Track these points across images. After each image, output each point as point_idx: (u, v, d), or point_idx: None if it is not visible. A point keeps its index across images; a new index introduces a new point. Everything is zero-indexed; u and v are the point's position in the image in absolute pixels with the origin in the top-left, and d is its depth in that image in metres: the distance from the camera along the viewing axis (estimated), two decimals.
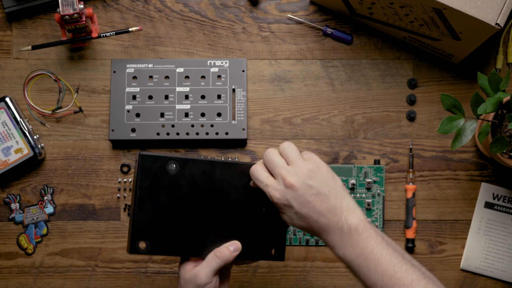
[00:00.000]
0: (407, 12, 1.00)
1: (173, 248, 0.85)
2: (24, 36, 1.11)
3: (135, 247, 0.83)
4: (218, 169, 0.86)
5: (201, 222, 0.86)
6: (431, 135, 1.10)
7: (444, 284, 1.09)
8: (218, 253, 0.84)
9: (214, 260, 0.84)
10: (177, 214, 0.85)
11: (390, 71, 1.11)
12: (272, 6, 1.12)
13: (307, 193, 0.82)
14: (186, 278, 0.84)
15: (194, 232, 0.85)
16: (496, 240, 1.09)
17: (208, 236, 0.86)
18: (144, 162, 0.83)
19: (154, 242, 0.84)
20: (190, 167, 0.85)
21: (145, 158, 0.83)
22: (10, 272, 1.08)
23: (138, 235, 0.83)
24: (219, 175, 0.86)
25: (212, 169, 0.86)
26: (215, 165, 0.86)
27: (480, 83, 0.93)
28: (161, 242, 0.84)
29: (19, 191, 1.09)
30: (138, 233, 0.83)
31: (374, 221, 1.08)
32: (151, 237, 0.84)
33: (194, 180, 0.85)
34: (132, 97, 1.08)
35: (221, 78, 1.09)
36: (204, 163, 0.86)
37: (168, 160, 0.84)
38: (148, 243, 0.84)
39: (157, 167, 0.84)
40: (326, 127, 1.10)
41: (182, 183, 0.85)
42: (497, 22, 0.92)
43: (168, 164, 0.84)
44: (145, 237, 0.83)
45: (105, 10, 1.11)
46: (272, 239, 0.89)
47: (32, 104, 1.09)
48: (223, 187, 0.86)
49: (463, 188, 1.10)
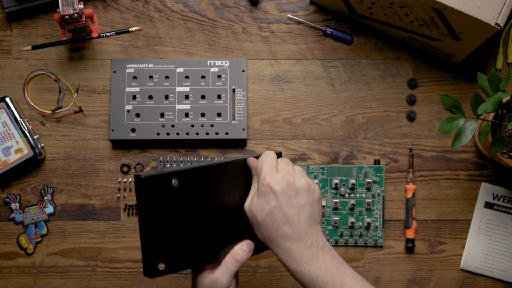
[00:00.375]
0: (407, 12, 1.00)
1: (191, 261, 0.83)
2: (24, 36, 1.11)
3: (154, 270, 0.80)
4: (218, 171, 0.86)
5: (212, 228, 0.85)
6: (431, 135, 1.10)
7: (444, 284, 1.09)
8: (235, 256, 0.84)
9: (233, 264, 0.84)
10: (188, 227, 0.83)
11: (390, 71, 1.11)
12: (272, 6, 1.12)
13: (299, 199, 0.83)
14: (205, 283, 0.83)
15: (207, 240, 0.84)
16: (496, 240, 1.09)
17: (220, 240, 0.85)
18: (146, 185, 0.79)
19: (172, 260, 0.81)
20: (191, 178, 0.83)
21: (147, 180, 0.79)
22: (10, 272, 1.08)
23: (154, 258, 0.80)
24: (220, 177, 0.86)
25: (212, 173, 0.85)
26: (214, 168, 0.85)
27: (480, 83, 0.93)
28: (178, 259, 0.82)
29: (19, 191, 1.09)
30: (153, 256, 0.80)
31: (374, 221, 1.08)
32: (167, 256, 0.81)
33: (197, 189, 0.84)
34: (132, 97, 1.08)
35: (221, 78, 1.09)
36: (204, 170, 0.84)
37: (170, 176, 0.81)
38: (166, 263, 0.81)
39: (160, 186, 0.80)
40: (326, 127, 1.10)
41: (186, 195, 0.83)
42: (497, 22, 0.92)
43: (170, 180, 0.81)
44: (162, 258, 0.80)
45: (105, 10, 1.11)
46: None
47: (32, 104, 1.09)
48: (226, 187, 0.86)
49: (463, 188, 1.10)
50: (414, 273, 1.09)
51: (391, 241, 1.09)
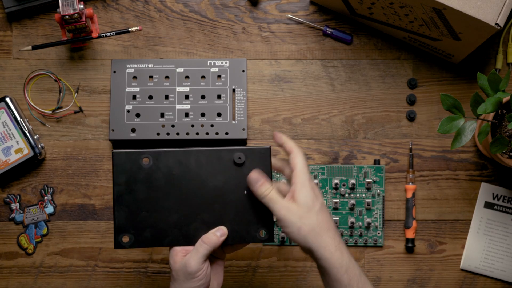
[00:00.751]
0: (407, 12, 1.00)
1: (157, 240, 0.88)
2: (24, 36, 1.11)
3: (118, 241, 0.87)
4: (193, 157, 0.88)
5: (183, 211, 0.88)
6: (431, 135, 1.10)
7: (444, 284, 1.09)
8: (205, 239, 0.86)
9: (202, 247, 0.85)
10: (157, 207, 0.88)
11: (390, 71, 1.11)
12: (272, 6, 1.12)
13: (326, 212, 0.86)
14: (176, 268, 0.86)
15: (177, 222, 0.88)
16: (496, 240, 1.09)
17: (192, 224, 0.88)
18: (117, 160, 0.87)
19: (137, 235, 0.88)
20: (164, 159, 0.88)
21: (118, 155, 0.87)
22: (10, 272, 1.08)
23: (120, 230, 0.88)
24: (195, 163, 0.88)
25: (187, 158, 0.88)
26: (189, 154, 0.88)
27: (480, 83, 0.93)
28: (144, 235, 0.88)
29: (19, 191, 1.09)
30: (120, 228, 0.88)
31: (374, 221, 1.08)
32: (134, 231, 0.88)
33: (170, 171, 0.88)
34: (132, 97, 1.08)
35: (221, 78, 1.09)
36: (178, 153, 0.88)
37: (140, 155, 0.87)
38: (131, 236, 0.87)
39: (131, 162, 0.87)
40: (326, 127, 1.10)
41: (158, 176, 0.87)
42: (497, 22, 0.92)
43: (141, 159, 0.87)
44: (128, 231, 0.87)
45: (105, 10, 1.11)
46: (259, 221, 0.89)
47: (32, 104, 1.09)
48: (201, 174, 0.88)
49: (463, 188, 1.10)
50: (414, 273, 1.09)
51: (391, 241, 1.09)
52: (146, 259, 1.08)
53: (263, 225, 0.89)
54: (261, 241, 0.90)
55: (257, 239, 0.89)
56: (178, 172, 0.88)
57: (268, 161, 0.88)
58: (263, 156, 0.88)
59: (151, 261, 1.08)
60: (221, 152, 0.88)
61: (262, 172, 0.87)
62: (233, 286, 1.08)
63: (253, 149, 0.88)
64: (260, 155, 0.88)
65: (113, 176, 0.88)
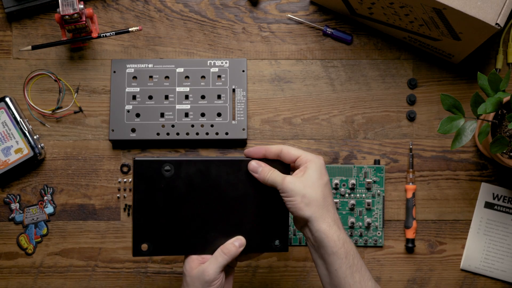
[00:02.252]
0: (407, 12, 1.00)
1: (175, 248, 0.88)
2: (24, 36, 1.11)
3: (138, 249, 0.87)
4: (214, 167, 0.88)
5: (202, 220, 0.88)
6: (431, 135, 1.10)
7: (444, 284, 1.09)
8: (224, 249, 0.87)
9: (221, 257, 0.86)
10: (176, 215, 0.88)
11: (390, 71, 1.11)
12: (272, 6, 1.12)
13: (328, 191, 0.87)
14: (193, 275, 0.86)
15: (195, 231, 0.88)
16: (496, 240, 1.09)
17: (209, 233, 0.88)
18: (139, 168, 0.87)
19: (156, 243, 0.88)
20: (185, 168, 0.87)
21: (140, 163, 0.87)
22: (10, 272, 1.08)
23: (140, 238, 0.87)
24: (215, 172, 0.88)
25: (207, 168, 0.88)
26: (210, 163, 0.88)
27: (480, 83, 0.93)
28: (162, 243, 0.88)
29: (19, 191, 1.09)
30: (139, 236, 0.87)
31: (374, 221, 1.08)
32: (153, 239, 0.88)
33: (190, 180, 0.88)
34: (132, 97, 1.08)
35: (221, 78, 1.09)
36: (198, 163, 0.88)
37: (162, 163, 0.87)
38: (150, 245, 0.88)
39: (152, 171, 0.87)
40: (326, 127, 1.10)
41: (179, 184, 0.87)
42: (497, 22, 0.92)
43: (163, 167, 0.87)
44: (147, 239, 0.87)
45: (105, 10, 1.11)
46: (274, 230, 0.90)
47: (32, 104, 1.09)
48: (221, 184, 0.88)
49: (463, 188, 1.10)
50: (414, 273, 1.09)
51: (391, 241, 1.09)
52: (146, 259, 1.08)
53: (278, 234, 0.91)
54: (275, 251, 0.91)
55: (272, 248, 0.91)
56: (198, 181, 0.88)
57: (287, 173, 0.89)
58: (282, 167, 0.89)
59: (151, 261, 1.08)
60: (241, 163, 0.89)
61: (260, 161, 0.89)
62: (233, 286, 1.08)
63: (272, 160, 0.89)
64: (279, 167, 0.89)
65: (134, 184, 0.87)
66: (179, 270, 1.08)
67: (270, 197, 0.89)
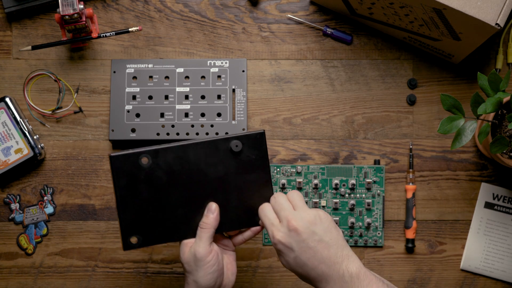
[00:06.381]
0: (407, 12, 1.00)
1: (164, 236, 0.89)
2: (24, 36, 1.11)
3: (127, 243, 0.88)
4: (191, 151, 0.89)
5: (187, 205, 0.89)
6: (431, 135, 1.10)
7: (444, 284, 1.09)
8: (202, 224, 0.88)
9: (202, 232, 0.88)
10: (161, 204, 0.88)
11: (390, 71, 1.11)
12: (272, 6, 1.12)
13: (310, 239, 0.84)
14: (186, 259, 0.88)
15: (182, 216, 0.89)
16: (496, 240, 1.09)
17: (196, 217, 0.89)
18: (116, 163, 0.87)
19: (145, 234, 0.88)
20: (163, 156, 0.88)
21: (116, 158, 0.87)
22: (10, 272, 1.08)
23: (128, 232, 0.88)
24: (193, 156, 0.89)
25: (185, 153, 0.88)
26: (186, 148, 0.89)
27: (480, 83, 0.93)
28: (151, 233, 0.89)
29: (19, 191, 1.09)
30: (127, 230, 0.88)
31: (374, 221, 1.08)
32: (141, 231, 0.88)
33: (170, 168, 0.88)
34: (132, 97, 1.08)
35: (221, 78, 1.09)
36: (175, 149, 0.88)
37: (139, 155, 0.87)
38: (140, 237, 0.88)
39: (130, 164, 0.87)
40: (326, 127, 1.10)
41: (159, 173, 0.88)
42: (497, 22, 0.92)
43: (140, 159, 0.87)
44: (135, 232, 0.88)
45: (105, 10, 1.11)
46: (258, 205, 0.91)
47: (32, 104, 1.09)
48: (200, 166, 0.89)
49: (463, 188, 1.10)
50: (414, 273, 1.09)
51: (391, 241, 1.09)
52: (146, 259, 1.08)
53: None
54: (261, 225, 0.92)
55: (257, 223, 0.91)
56: (178, 167, 0.88)
57: (263, 145, 0.90)
58: (259, 140, 0.90)
59: (151, 261, 1.08)
60: (218, 142, 0.89)
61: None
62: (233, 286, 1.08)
63: (248, 135, 0.90)
64: (255, 140, 0.90)
65: (114, 180, 0.87)
66: (179, 270, 1.08)
67: (251, 173, 0.90)
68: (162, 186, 0.88)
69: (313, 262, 0.83)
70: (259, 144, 0.90)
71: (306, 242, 0.83)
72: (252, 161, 0.90)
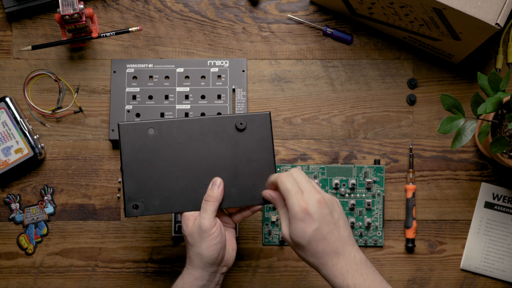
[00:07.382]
0: (407, 12, 1.00)
1: (166, 206, 0.91)
2: (24, 36, 1.11)
3: (129, 210, 0.91)
4: (197, 126, 0.91)
5: (190, 178, 0.91)
6: (431, 135, 1.10)
7: (444, 284, 1.09)
8: (207, 197, 0.90)
9: (207, 204, 0.90)
10: (164, 175, 0.91)
11: (390, 71, 1.11)
12: (272, 6, 1.12)
13: (333, 214, 0.85)
14: (189, 231, 0.89)
15: (184, 189, 0.91)
16: (496, 240, 1.09)
17: (199, 191, 0.91)
18: (124, 131, 0.90)
19: (146, 202, 0.91)
20: (170, 129, 0.91)
21: (124, 126, 0.90)
22: (10, 272, 1.08)
23: (130, 198, 0.91)
24: (198, 131, 0.91)
25: (191, 127, 0.91)
26: (193, 123, 0.91)
27: (480, 83, 0.93)
28: (153, 202, 0.91)
29: (19, 191, 1.09)
30: (129, 197, 0.91)
31: (374, 221, 1.08)
32: (143, 199, 0.90)
33: (174, 140, 0.91)
34: (132, 97, 1.08)
35: (221, 78, 1.09)
36: (181, 123, 0.91)
37: (145, 126, 0.90)
38: (141, 204, 0.91)
39: (137, 133, 0.91)
40: (326, 127, 1.10)
41: (163, 145, 0.91)
42: (497, 22, 0.92)
43: (147, 130, 0.90)
44: (137, 200, 0.91)
45: (105, 10, 1.11)
46: (263, 183, 0.92)
47: (32, 104, 1.09)
48: (205, 142, 0.91)
49: (463, 188, 1.10)
50: (414, 273, 1.09)
51: (391, 241, 1.09)
52: (146, 259, 1.08)
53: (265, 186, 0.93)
54: (265, 203, 0.93)
55: (262, 201, 0.92)
56: (182, 140, 0.91)
57: (268, 126, 0.92)
58: (263, 121, 0.92)
59: (151, 261, 1.08)
60: (223, 120, 0.92)
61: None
62: (233, 286, 1.08)
63: (253, 115, 0.92)
64: (260, 121, 0.92)
65: (120, 147, 0.90)
66: (179, 270, 1.08)
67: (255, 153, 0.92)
68: (167, 158, 0.91)
69: (331, 237, 0.84)
70: (264, 124, 0.92)
71: (329, 216, 0.85)
72: (256, 142, 0.92)
